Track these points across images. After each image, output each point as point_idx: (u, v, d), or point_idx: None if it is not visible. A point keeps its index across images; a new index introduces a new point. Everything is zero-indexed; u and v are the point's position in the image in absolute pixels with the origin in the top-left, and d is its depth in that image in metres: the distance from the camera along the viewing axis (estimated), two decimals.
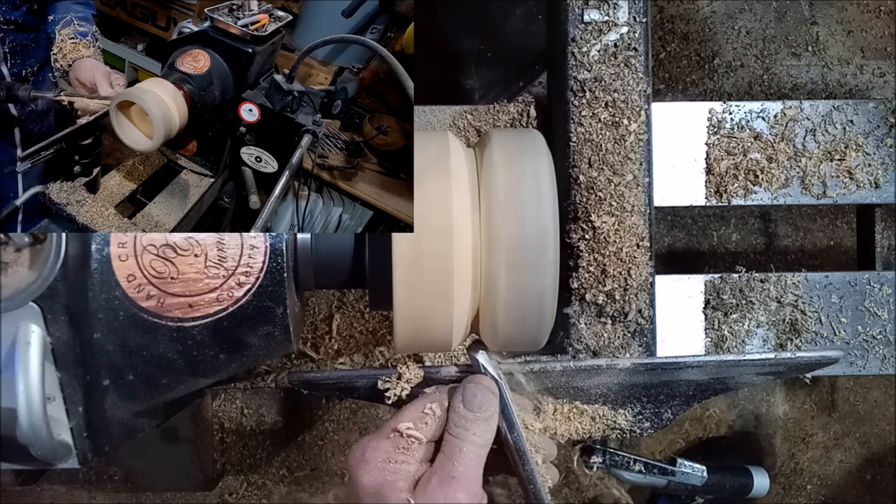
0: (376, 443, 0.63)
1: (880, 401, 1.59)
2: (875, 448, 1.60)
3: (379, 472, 0.62)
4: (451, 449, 0.63)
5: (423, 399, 0.66)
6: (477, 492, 0.63)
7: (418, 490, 0.61)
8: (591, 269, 0.76)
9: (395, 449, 0.63)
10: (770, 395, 1.60)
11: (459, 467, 0.62)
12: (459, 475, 0.61)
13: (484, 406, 0.64)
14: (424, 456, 0.64)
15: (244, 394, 1.55)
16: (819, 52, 1.56)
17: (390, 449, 0.63)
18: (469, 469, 0.62)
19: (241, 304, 0.63)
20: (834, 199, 0.88)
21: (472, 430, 0.63)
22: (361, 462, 0.63)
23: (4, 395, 0.59)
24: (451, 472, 0.61)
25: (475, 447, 0.63)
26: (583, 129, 0.76)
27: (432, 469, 0.63)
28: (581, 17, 0.77)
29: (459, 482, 0.61)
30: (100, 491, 1.54)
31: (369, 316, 0.90)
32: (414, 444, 0.63)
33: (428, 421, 0.64)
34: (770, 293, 0.86)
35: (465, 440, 0.63)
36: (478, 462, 0.63)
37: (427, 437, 0.64)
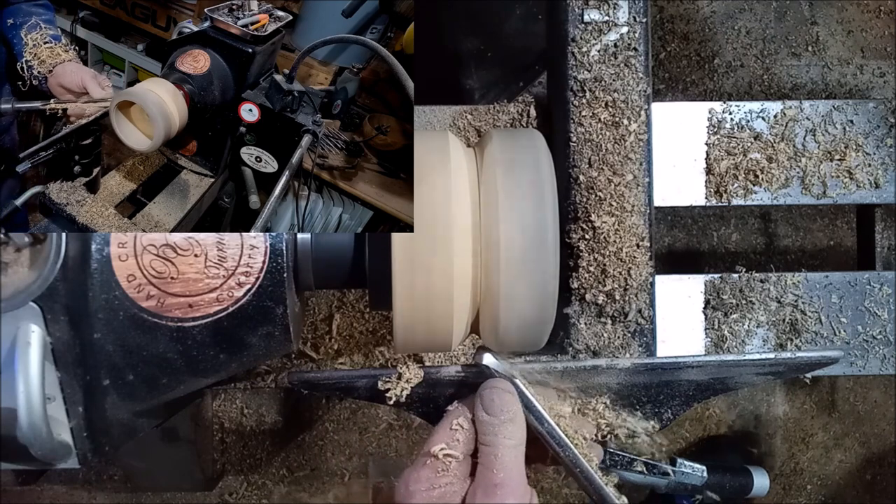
0: (416, 473, 0.63)
1: (880, 401, 1.59)
2: (875, 448, 1.60)
3: (427, 500, 0.61)
4: (487, 458, 0.62)
5: (449, 417, 0.65)
6: (523, 492, 0.62)
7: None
8: (591, 269, 0.76)
9: (435, 473, 0.62)
10: (770, 395, 1.60)
11: (500, 473, 0.61)
12: (501, 481, 0.61)
13: (505, 408, 0.64)
14: (465, 472, 0.63)
15: (244, 394, 1.56)
16: (819, 52, 1.56)
17: (431, 475, 0.62)
18: (510, 472, 0.62)
19: (241, 304, 0.63)
20: (834, 199, 0.88)
21: (501, 434, 0.63)
22: (407, 496, 0.62)
23: (4, 395, 0.59)
24: (492, 480, 0.61)
25: (510, 450, 0.62)
26: (583, 129, 0.76)
27: (475, 482, 0.62)
28: (581, 17, 0.77)
29: (503, 488, 0.61)
30: (100, 491, 1.54)
31: (369, 316, 0.90)
32: (452, 464, 0.62)
33: (459, 437, 0.63)
34: (770, 293, 0.86)
35: (497, 446, 0.62)
36: (516, 463, 0.63)
37: (462, 452, 0.63)
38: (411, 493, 0.62)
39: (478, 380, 0.68)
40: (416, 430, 1.57)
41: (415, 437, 1.57)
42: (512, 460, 0.62)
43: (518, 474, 0.62)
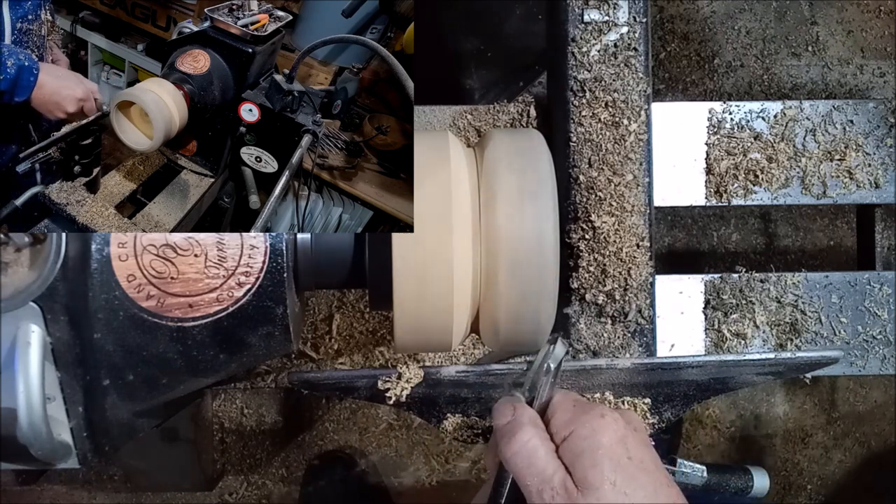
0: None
1: (880, 401, 1.59)
2: (875, 448, 1.60)
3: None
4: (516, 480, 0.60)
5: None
6: (546, 477, 0.58)
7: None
8: (591, 269, 0.76)
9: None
10: (770, 395, 1.60)
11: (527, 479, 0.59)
12: (528, 485, 0.58)
13: (501, 417, 0.62)
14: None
15: (244, 394, 1.56)
16: (819, 52, 1.57)
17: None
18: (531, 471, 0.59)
19: (241, 304, 0.63)
20: (834, 199, 0.88)
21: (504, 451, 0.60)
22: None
23: (4, 395, 0.59)
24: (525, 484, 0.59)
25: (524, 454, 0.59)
26: (583, 129, 0.76)
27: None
28: (581, 17, 0.77)
29: (530, 491, 0.58)
30: (100, 491, 1.54)
31: (369, 316, 0.90)
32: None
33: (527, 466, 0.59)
34: (770, 293, 0.86)
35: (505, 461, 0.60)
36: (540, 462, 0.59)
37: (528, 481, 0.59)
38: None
39: (478, 380, 0.68)
40: (416, 430, 1.57)
41: (415, 437, 1.57)
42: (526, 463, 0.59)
43: (540, 468, 0.58)
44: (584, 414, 0.60)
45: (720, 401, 1.59)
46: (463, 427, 0.71)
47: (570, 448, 0.59)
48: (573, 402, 0.63)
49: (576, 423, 0.60)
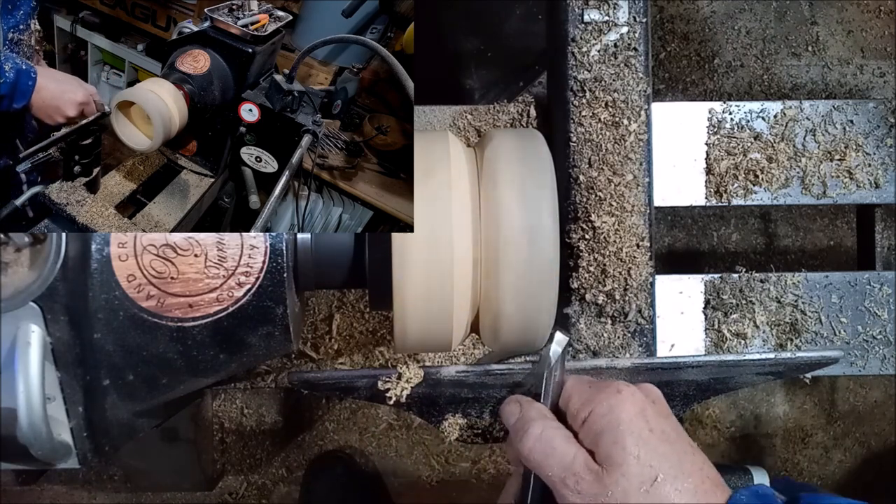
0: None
1: (880, 401, 1.59)
2: (875, 448, 1.60)
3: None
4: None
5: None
6: (566, 463, 0.58)
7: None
8: (591, 269, 0.76)
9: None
10: (770, 395, 1.60)
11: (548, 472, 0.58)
12: (550, 476, 0.58)
13: (509, 416, 0.63)
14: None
15: (244, 394, 1.56)
16: (819, 52, 1.57)
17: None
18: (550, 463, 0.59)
19: (241, 304, 0.63)
20: (834, 199, 0.88)
21: (521, 449, 0.60)
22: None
23: (4, 395, 0.59)
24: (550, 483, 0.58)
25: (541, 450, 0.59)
26: (583, 129, 0.76)
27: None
28: (581, 17, 0.77)
29: (554, 483, 0.58)
30: (100, 491, 1.54)
31: (369, 316, 0.90)
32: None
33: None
34: (770, 293, 0.86)
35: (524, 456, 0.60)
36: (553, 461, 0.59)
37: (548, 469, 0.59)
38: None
39: (478, 380, 0.68)
40: (416, 430, 1.57)
41: (415, 437, 1.57)
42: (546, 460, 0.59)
43: (560, 459, 0.58)
44: (600, 392, 0.60)
45: (720, 401, 1.59)
46: (463, 427, 0.71)
47: (591, 428, 0.58)
48: (588, 383, 0.62)
49: (593, 402, 0.59)
